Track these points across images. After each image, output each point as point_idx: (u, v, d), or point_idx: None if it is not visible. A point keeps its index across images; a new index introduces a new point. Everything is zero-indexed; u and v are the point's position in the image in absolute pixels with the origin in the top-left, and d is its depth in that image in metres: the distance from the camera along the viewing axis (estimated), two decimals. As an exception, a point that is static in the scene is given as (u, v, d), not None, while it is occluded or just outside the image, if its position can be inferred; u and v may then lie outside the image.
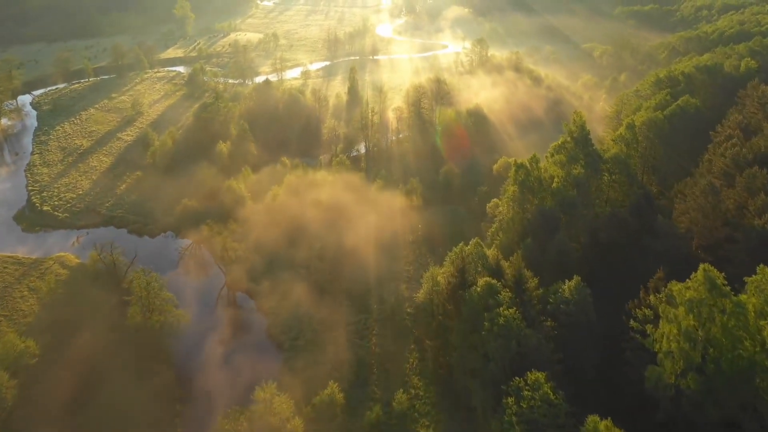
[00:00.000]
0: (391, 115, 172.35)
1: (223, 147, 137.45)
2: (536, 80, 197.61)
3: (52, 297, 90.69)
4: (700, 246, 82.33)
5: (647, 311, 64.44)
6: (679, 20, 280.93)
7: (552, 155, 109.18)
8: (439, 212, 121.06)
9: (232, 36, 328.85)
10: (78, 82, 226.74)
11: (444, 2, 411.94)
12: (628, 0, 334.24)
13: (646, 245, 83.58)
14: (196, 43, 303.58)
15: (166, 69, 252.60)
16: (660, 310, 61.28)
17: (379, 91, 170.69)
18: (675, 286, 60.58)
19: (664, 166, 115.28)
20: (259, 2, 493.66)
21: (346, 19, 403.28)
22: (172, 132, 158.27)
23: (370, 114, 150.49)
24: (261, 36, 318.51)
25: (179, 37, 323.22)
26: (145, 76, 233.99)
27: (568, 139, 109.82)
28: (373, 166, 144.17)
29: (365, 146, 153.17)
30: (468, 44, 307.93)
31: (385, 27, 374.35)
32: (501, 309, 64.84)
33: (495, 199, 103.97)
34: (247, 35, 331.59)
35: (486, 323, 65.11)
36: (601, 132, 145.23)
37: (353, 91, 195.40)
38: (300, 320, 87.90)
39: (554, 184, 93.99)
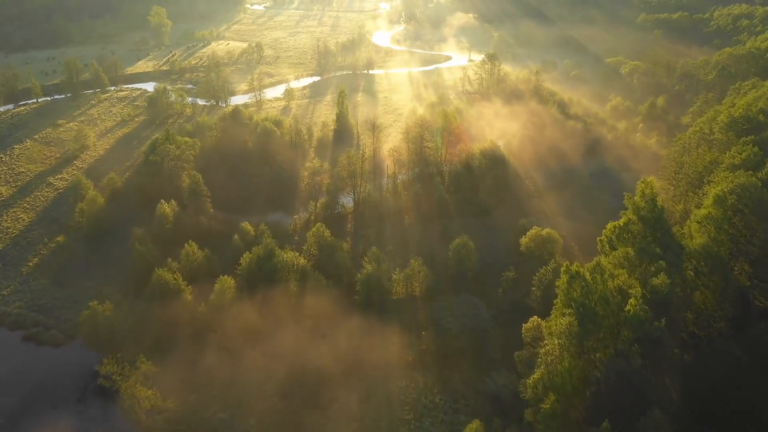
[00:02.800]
0: (386, 153, 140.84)
1: (166, 208, 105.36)
2: (561, 106, 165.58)
3: None
4: None
5: None
6: (714, 31, 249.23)
7: (611, 243, 77.44)
8: (449, 307, 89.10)
9: (213, 46, 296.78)
10: (25, 104, 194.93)
11: (447, 8, 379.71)
12: (651, 6, 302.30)
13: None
14: (170, 55, 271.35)
15: (130, 87, 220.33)
16: None
17: (372, 126, 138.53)
18: None
19: (758, 252, 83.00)
20: (249, 7, 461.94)
21: (341, 25, 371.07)
22: (112, 180, 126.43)
23: (360, 161, 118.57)
24: (245, 45, 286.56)
25: (153, 48, 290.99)
26: (104, 96, 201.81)
27: (633, 218, 78.05)
28: (362, 230, 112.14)
29: (354, 198, 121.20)
30: (474, 56, 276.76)
31: (382, 35, 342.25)
32: None
33: (535, 319, 71.79)
34: (229, 44, 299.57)
35: None
36: (656, 185, 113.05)
37: (342, 119, 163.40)
38: None
39: (629, 308, 61.88)
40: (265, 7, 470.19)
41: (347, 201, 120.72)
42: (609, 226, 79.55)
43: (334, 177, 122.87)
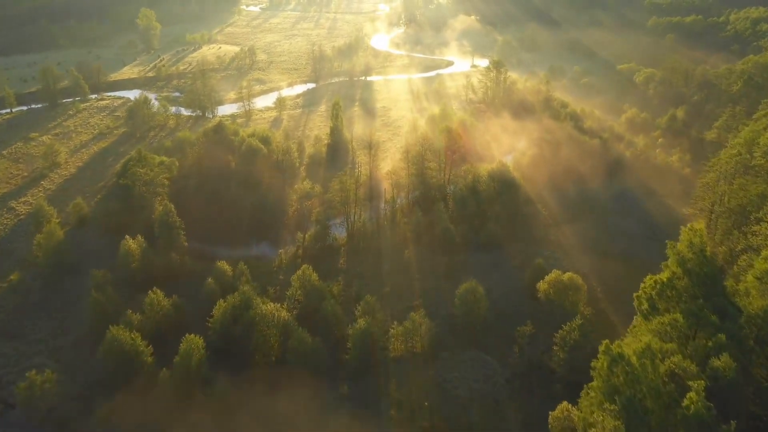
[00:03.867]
0: (384, 174, 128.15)
1: (131, 245, 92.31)
2: (575, 120, 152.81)
3: None
4: None
5: None
6: (731, 36, 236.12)
7: (651, 302, 64.75)
8: (456, 367, 76.26)
9: (204, 50, 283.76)
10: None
11: (448, 10, 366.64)
12: (662, 9, 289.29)
13: None
14: (158, 60, 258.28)
15: (112, 95, 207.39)
16: None
17: (369, 146, 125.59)
18: None
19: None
20: (244, 8, 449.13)
21: (338, 28, 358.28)
22: (78, 206, 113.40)
23: (354, 186, 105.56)
24: (237, 50, 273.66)
25: (142, 52, 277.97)
26: (82, 106, 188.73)
27: (678, 271, 65.21)
28: (356, 266, 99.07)
29: (347, 227, 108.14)
30: (477, 60, 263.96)
31: (381, 38, 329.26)
32: None
33: (564, 407, 58.51)
34: (221, 48, 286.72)
35: None
36: (703, 232, 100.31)
37: (336, 133, 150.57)
38: None
39: (687, 403, 48.78)
40: (260, 8, 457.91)
41: (340, 231, 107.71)
42: (648, 281, 66.46)
43: (326, 204, 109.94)
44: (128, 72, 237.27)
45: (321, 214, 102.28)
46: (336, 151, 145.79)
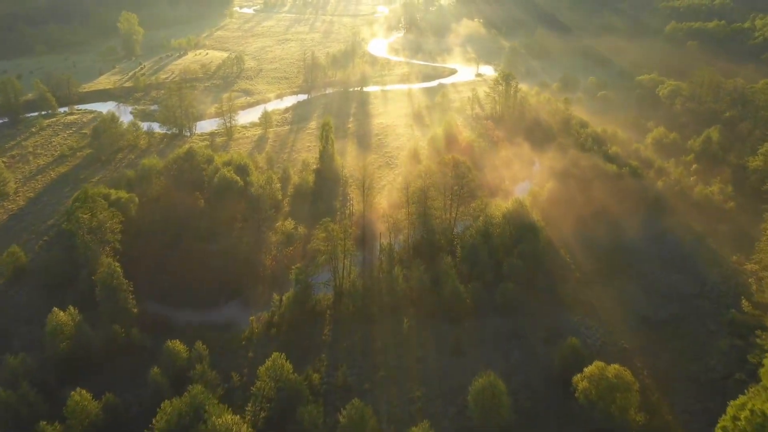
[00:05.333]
0: (380, 212, 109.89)
1: (62, 318, 73.75)
2: (598, 142, 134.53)
3: None
4: None
5: None
6: (761, 44, 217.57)
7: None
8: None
9: (190, 56, 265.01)
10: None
11: (451, 13, 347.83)
12: (680, 13, 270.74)
13: None
14: (138, 68, 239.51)
15: (83, 108, 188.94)
16: None
17: (362, 186, 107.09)
18: None
19: None
20: (238, 10, 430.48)
21: (334, 32, 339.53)
22: (14, 255, 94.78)
23: (343, 235, 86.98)
24: (226, 55, 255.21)
25: (123, 58, 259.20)
26: (47, 122, 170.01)
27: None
28: (344, 337, 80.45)
29: (334, 285, 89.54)
30: (482, 67, 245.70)
31: (379, 43, 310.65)
32: None
33: None
34: (208, 54, 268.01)
35: None
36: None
37: (326, 159, 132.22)
38: None
39: None
40: (254, 10, 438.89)
41: (326, 289, 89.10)
42: (731, 408, 48.20)
43: (308, 257, 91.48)
44: (104, 82, 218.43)
45: (302, 272, 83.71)
46: (325, 180, 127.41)
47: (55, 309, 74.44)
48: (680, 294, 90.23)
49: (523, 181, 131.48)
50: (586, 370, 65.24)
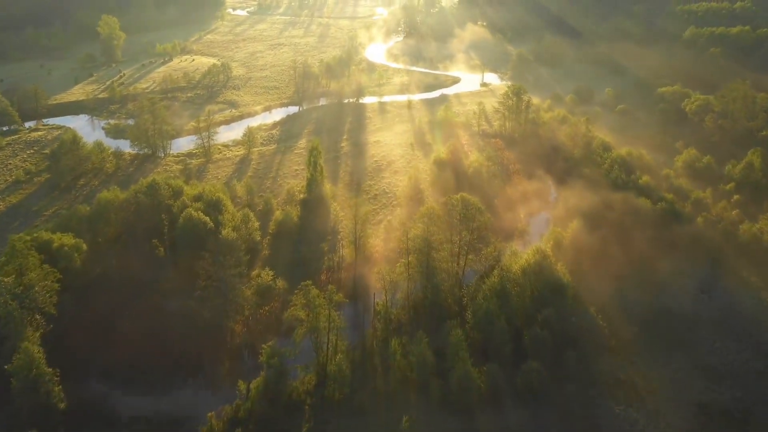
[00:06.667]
0: (374, 260, 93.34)
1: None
2: (625, 168, 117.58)
3: None
4: None
5: None
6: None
7: None
8: None
9: (175, 63, 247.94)
10: None
11: (454, 17, 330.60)
12: (698, 17, 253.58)
13: None
14: (117, 76, 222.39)
15: (51, 123, 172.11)
16: None
17: (354, 232, 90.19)
18: None
19: None
20: (231, 11, 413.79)
21: (330, 35, 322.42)
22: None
23: (328, 304, 69.94)
24: (214, 62, 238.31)
25: (102, 65, 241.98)
26: (5, 141, 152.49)
27: None
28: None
29: (317, 363, 72.29)
30: (488, 75, 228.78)
31: (377, 48, 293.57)
32: None
33: None
34: (194, 61, 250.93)
35: None
36: None
37: (314, 188, 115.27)
38: None
39: None
40: (248, 12, 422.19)
41: (306, 368, 71.85)
42: None
43: (286, 325, 74.51)
44: (77, 92, 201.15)
45: (275, 353, 66.60)
46: (312, 214, 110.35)
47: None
48: (743, 371, 73.49)
49: (540, 214, 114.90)
50: None
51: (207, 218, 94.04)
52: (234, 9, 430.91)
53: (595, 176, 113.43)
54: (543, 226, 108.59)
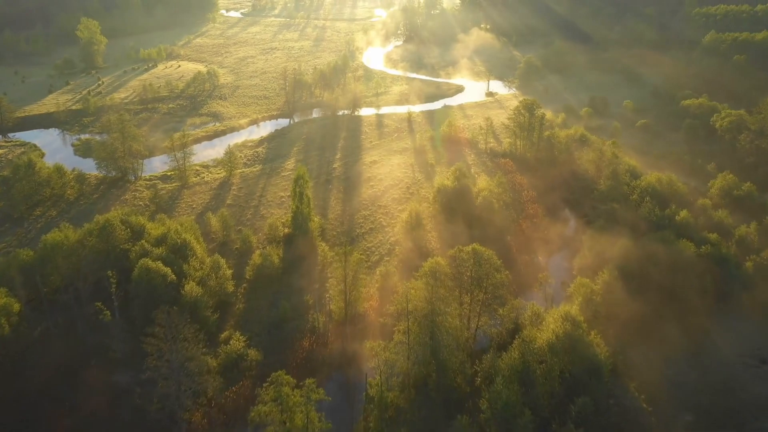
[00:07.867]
0: (368, 322, 78.15)
1: None
2: (659, 199, 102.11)
3: None
4: None
5: None
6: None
7: None
8: None
9: (160, 69, 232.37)
10: None
11: (457, 20, 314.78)
12: (717, 20, 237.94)
13: None
14: (96, 84, 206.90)
15: (16, 138, 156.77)
16: None
17: (346, 285, 74.82)
18: None
19: None
20: (224, 13, 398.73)
21: (327, 38, 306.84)
22: None
23: (305, 407, 54.47)
24: (200, 68, 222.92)
25: (82, 72, 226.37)
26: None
27: None
28: None
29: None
30: (494, 83, 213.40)
31: (375, 52, 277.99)
32: None
33: None
34: (180, 67, 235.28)
35: None
36: None
37: (299, 221, 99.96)
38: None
39: None
40: (241, 13, 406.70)
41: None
42: None
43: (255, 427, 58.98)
44: (49, 103, 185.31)
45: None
46: (296, 255, 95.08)
47: None
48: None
49: (560, 252, 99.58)
50: None
51: (168, 269, 78.44)
52: (227, 10, 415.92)
53: (624, 212, 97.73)
54: (564, 271, 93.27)
